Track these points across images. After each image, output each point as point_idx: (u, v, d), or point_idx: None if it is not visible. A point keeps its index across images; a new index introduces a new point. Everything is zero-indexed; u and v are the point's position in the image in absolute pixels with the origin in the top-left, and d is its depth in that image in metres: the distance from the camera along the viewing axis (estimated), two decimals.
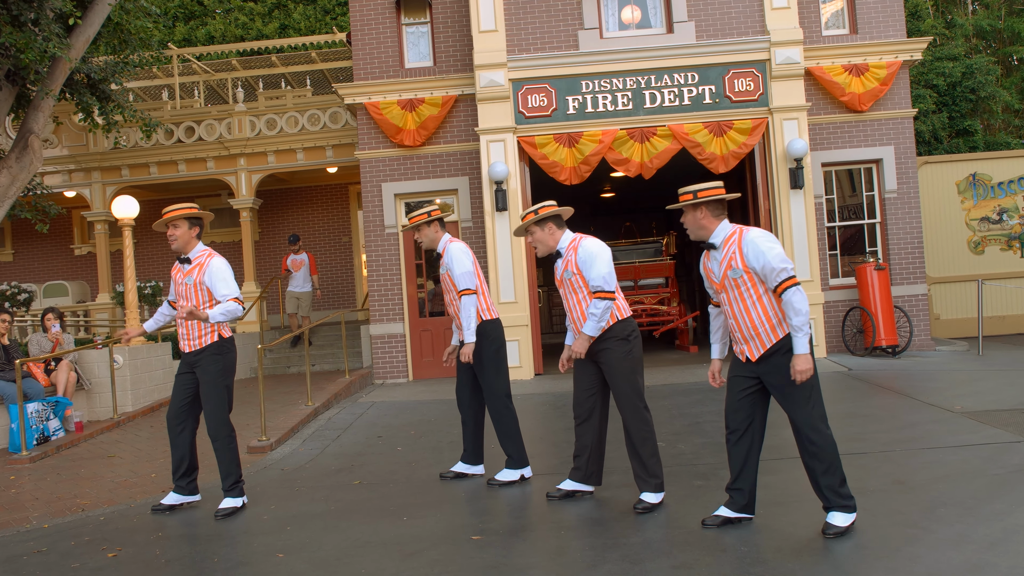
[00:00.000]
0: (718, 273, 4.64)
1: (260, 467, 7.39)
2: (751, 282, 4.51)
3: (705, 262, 4.78)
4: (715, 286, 4.68)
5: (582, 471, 5.56)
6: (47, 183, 14.77)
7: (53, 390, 9.53)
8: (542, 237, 5.52)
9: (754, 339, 4.55)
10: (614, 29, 12.33)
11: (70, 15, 9.35)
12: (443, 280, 6.34)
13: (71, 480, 7.38)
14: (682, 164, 12.48)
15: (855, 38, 12.39)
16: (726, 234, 4.61)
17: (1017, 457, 5.86)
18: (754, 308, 4.52)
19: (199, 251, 6.03)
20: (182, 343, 5.98)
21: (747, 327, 4.55)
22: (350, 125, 14.60)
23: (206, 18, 23.91)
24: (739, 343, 4.65)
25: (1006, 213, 14.04)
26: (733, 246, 4.56)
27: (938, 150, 17.96)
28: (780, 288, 4.41)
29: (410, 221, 6.35)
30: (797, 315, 4.38)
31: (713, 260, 4.67)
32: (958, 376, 9.69)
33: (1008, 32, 22.69)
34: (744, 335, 4.58)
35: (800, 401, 4.48)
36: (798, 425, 4.50)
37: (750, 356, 4.59)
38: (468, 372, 6.37)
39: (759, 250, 4.45)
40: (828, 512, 4.51)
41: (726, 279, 4.57)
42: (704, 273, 4.81)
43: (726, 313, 4.68)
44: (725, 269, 4.57)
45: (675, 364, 12.33)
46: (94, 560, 4.99)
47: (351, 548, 4.90)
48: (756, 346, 4.55)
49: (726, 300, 4.63)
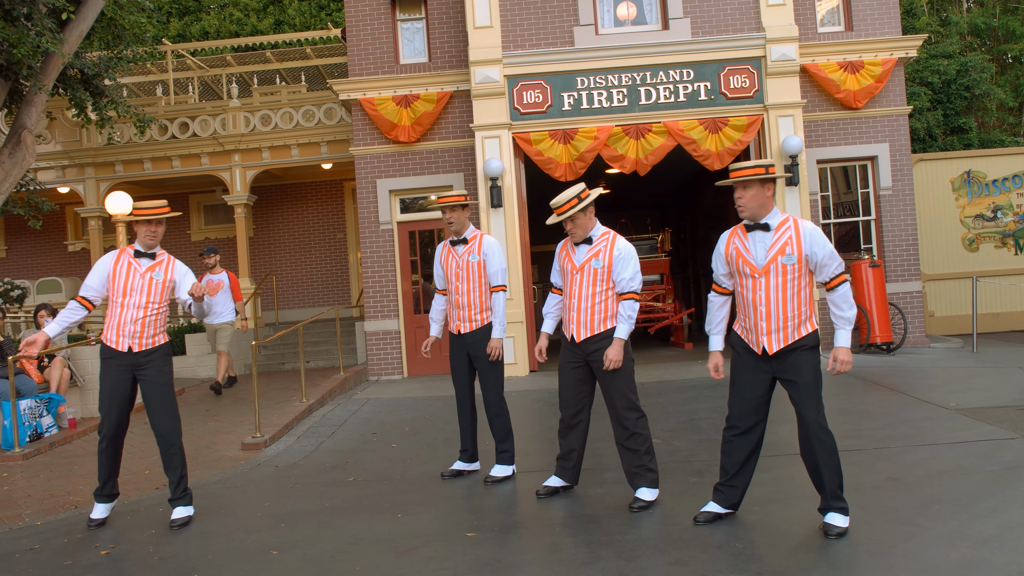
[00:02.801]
0: (763, 256, 4.47)
1: (254, 464, 7.36)
2: (799, 271, 4.44)
3: (740, 243, 4.58)
4: (752, 270, 4.50)
5: (569, 472, 5.59)
6: (40, 179, 14.72)
7: (46, 387, 9.49)
8: (584, 223, 5.24)
9: (782, 330, 4.45)
10: (610, 25, 12.31)
11: (63, 10, 9.31)
12: (465, 267, 6.21)
13: (64, 477, 7.35)
14: (677, 161, 12.48)
15: (850, 35, 12.40)
16: (780, 219, 4.52)
17: (1011, 454, 5.87)
18: (793, 298, 4.44)
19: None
20: (129, 341, 5.48)
21: (779, 317, 4.44)
22: (345, 121, 14.57)
23: (201, 14, 23.83)
24: (759, 333, 4.50)
25: (1000, 210, 14.07)
26: (789, 231, 4.46)
27: (933, 147, 17.97)
28: (835, 282, 4.42)
29: (439, 201, 6.28)
30: (851, 308, 4.43)
31: (757, 243, 4.51)
32: (953, 373, 9.70)
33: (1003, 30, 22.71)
34: (772, 325, 4.45)
35: (816, 402, 4.45)
36: (811, 424, 4.44)
37: (768, 348, 4.48)
38: (470, 369, 6.34)
39: (821, 240, 4.44)
40: (827, 513, 4.49)
41: (775, 263, 4.43)
42: (729, 255, 4.62)
43: (752, 301, 4.51)
44: (776, 253, 4.43)
45: (670, 361, 12.33)
46: (87, 557, 4.97)
47: (345, 545, 4.89)
48: (781, 338, 4.46)
49: (762, 286, 4.47)
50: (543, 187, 13.45)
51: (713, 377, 4.81)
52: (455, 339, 6.34)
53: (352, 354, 14.17)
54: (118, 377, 5.52)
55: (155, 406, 5.54)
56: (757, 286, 4.50)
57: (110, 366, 5.53)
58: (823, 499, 4.51)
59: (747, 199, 4.51)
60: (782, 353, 4.48)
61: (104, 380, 5.57)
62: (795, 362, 4.46)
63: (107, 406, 5.54)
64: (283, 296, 17.11)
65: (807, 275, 4.49)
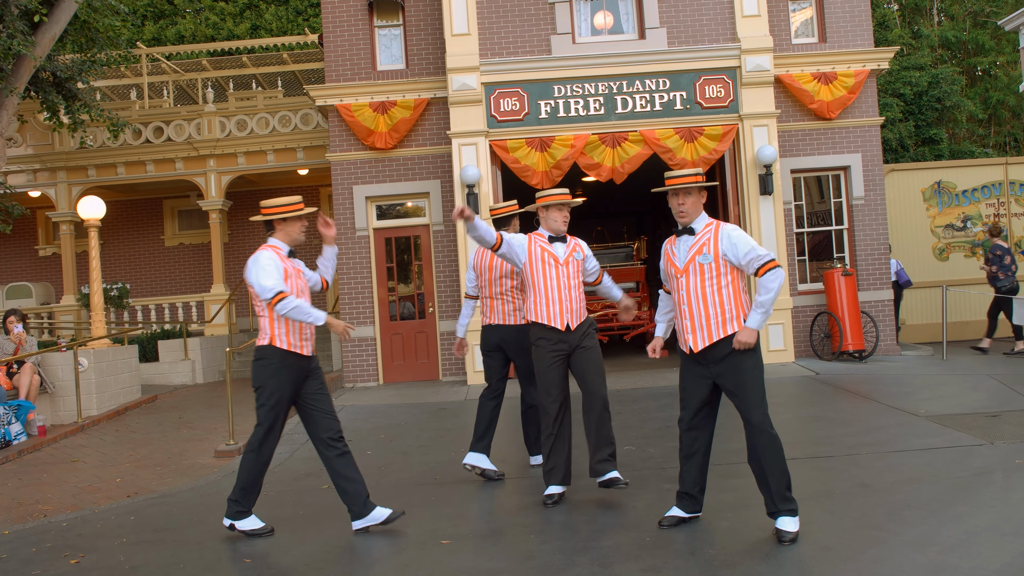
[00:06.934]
0: (684, 257, 4.66)
1: (228, 471, 7.30)
2: (718, 270, 4.56)
3: (670, 248, 4.79)
4: (676, 271, 4.68)
5: (561, 472, 5.57)
6: (11, 182, 14.54)
7: (15, 393, 9.36)
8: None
9: (704, 328, 4.57)
10: (586, 34, 12.38)
11: (36, 12, 9.22)
12: (503, 266, 6.17)
13: (33, 485, 7.26)
14: (653, 169, 12.53)
15: (824, 47, 12.55)
16: (705, 223, 4.68)
17: (979, 460, 5.96)
18: (714, 296, 4.56)
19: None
20: (308, 346, 5.28)
21: (700, 315, 4.58)
22: (321, 127, 14.53)
23: (176, 17, 23.67)
24: (685, 332, 4.67)
25: (970, 221, 14.28)
26: (710, 233, 4.62)
27: (905, 158, 18.23)
28: (763, 270, 4.48)
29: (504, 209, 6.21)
30: (767, 292, 4.46)
31: (681, 245, 4.70)
32: (923, 380, 9.83)
33: (972, 43, 23.12)
34: (695, 323, 4.60)
35: (757, 402, 4.52)
36: (756, 425, 4.52)
37: (693, 346, 4.62)
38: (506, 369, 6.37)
39: (738, 238, 4.55)
40: (777, 517, 4.53)
41: (692, 263, 4.60)
42: (666, 259, 4.80)
43: (677, 301, 4.70)
44: (694, 254, 4.60)
45: (645, 368, 12.39)
46: (56, 567, 4.91)
47: (319, 553, 4.86)
48: (704, 336, 4.57)
49: (683, 286, 4.64)
50: (520, 195, 13.46)
51: (651, 357, 4.91)
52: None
53: (328, 361, 14.10)
54: (295, 379, 5.22)
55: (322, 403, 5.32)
56: (679, 286, 4.68)
57: (286, 372, 5.17)
58: (769, 502, 4.56)
59: (688, 205, 4.69)
60: (716, 355, 4.57)
61: (277, 384, 5.18)
62: (732, 364, 4.55)
63: (278, 411, 5.23)
64: None
65: (731, 274, 4.59)
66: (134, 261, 17.26)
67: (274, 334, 5.14)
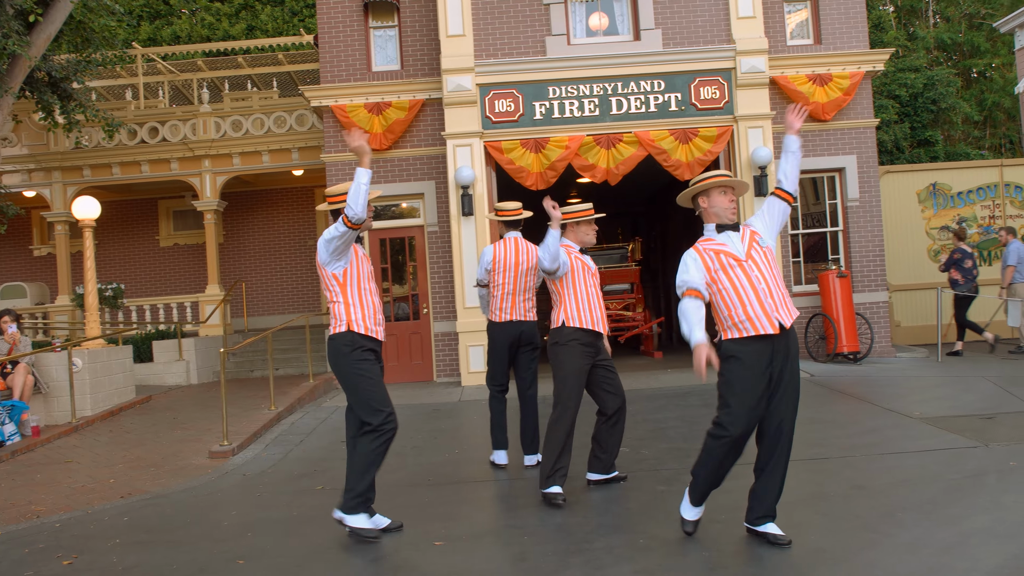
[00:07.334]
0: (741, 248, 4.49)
1: (222, 472, 7.29)
2: (772, 255, 4.57)
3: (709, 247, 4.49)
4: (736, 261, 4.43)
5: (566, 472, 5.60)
6: (6, 182, 14.51)
7: (9, 394, 9.34)
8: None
9: (783, 304, 4.45)
10: (581, 36, 12.38)
11: (31, 12, 9.20)
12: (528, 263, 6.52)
13: (26, 486, 7.23)
14: (648, 171, 12.56)
15: (819, 48, 12.57)
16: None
17: (973, 462, 5.96)
18: (778, 275, 4.53)
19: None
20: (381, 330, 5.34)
21: (777, 292, 4.44)
22: (316, 128, 14.51)
23: (172, 18, 23.64)
24: (772, 312, 4.37)
25: (965, 222, 14.30)
26: (745, 227, 4.61)
27: (900, 160, 18.25)
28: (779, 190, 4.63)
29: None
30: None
31: (729, 241, 4.50)
32: (918, 382, 9.84)
33: (968, 45, 23.19)
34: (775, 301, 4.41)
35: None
36: (788, 429, 4.53)
37: (785, 321, 4.40)
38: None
39: (758, 212, 4.66)
40: (766, 521, 4.52)
41: (754, 249, 4.49)
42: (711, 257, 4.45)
43: (749, 285, 4.40)
44: (750, 242, 4.51)
45: (640, 370, 12.38)
46: (48, 568, 4.89)
47: (312, 554, 4.85)
48: (786, 312, 4.43)
49: (753, 268, 4.43)
50: (514, 196, 13.45)
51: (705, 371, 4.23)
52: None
53: (322, 361, 14.07)
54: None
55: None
56: (746, 271, 4.52)
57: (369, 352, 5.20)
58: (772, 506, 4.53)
59: (728, 204, 4.60)
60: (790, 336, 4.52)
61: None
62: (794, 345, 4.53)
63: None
64: (253, 303, 16.97)
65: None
66: (129, 261, 17.23)
67: (351, 319, 5.22)
